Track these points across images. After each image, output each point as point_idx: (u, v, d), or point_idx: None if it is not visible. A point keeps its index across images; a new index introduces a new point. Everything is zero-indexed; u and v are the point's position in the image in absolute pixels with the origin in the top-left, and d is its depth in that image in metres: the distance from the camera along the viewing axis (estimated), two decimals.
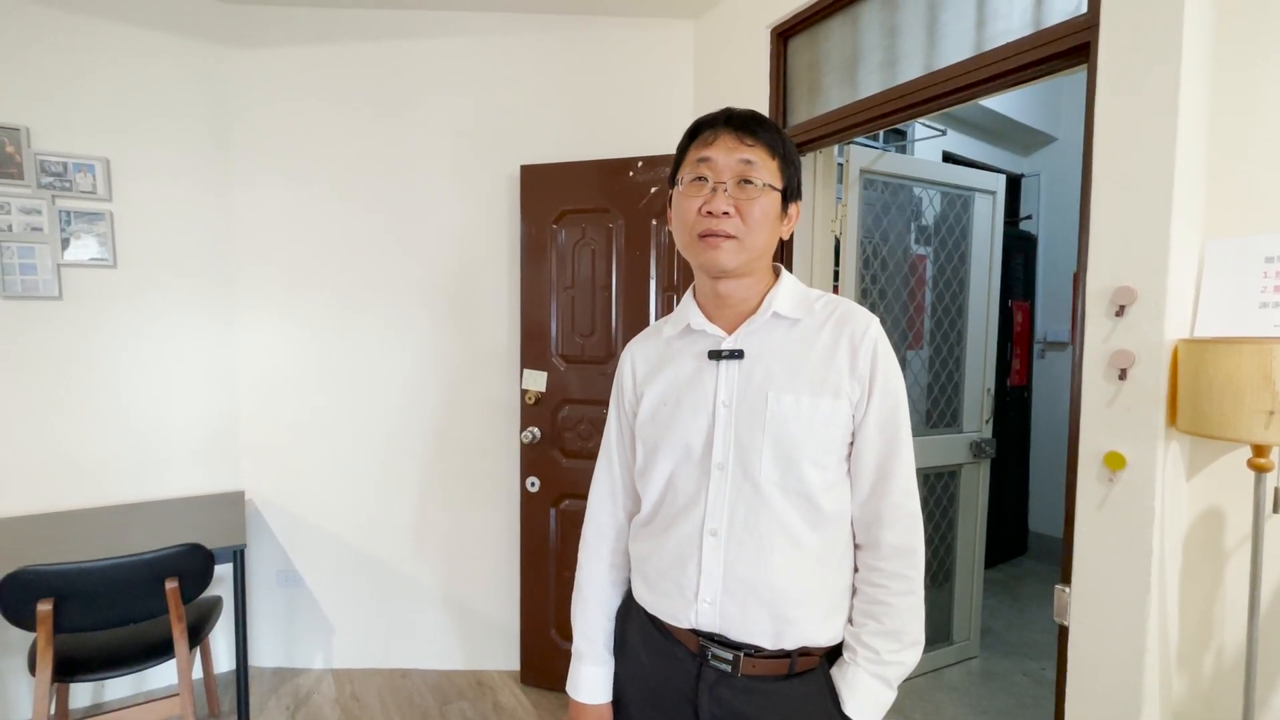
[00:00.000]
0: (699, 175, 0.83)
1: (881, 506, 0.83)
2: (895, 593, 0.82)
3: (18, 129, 2.00)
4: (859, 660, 0.82)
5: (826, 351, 0.83)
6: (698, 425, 0.86)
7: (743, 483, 0.83)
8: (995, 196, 2.52)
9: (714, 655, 0.84)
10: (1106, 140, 1.20)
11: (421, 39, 2.33)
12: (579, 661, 0.98)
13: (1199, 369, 1.08)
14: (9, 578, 1.46)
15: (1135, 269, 1.16)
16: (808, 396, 0.82)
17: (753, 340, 0.86)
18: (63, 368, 2.11)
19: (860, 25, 1.79)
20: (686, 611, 0.85)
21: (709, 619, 0.84)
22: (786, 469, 0.82)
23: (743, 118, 0.84)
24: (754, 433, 0.82)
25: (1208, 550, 1.21)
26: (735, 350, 0.86)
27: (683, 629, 0.86)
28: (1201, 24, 1.14)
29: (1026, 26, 1.39)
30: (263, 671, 2.43)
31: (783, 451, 0.81)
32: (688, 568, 0.85)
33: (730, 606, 0.82)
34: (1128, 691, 1.18)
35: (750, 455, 0.82)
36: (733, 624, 0.82)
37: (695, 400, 0.87)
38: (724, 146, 0.82)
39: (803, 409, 0.81)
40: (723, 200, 0.81)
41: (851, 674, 0.82)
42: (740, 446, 0.83)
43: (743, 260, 0.83)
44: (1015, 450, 3.67)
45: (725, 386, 0.85)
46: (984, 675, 2.47)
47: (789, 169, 0.85)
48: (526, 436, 2.28)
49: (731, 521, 0.83)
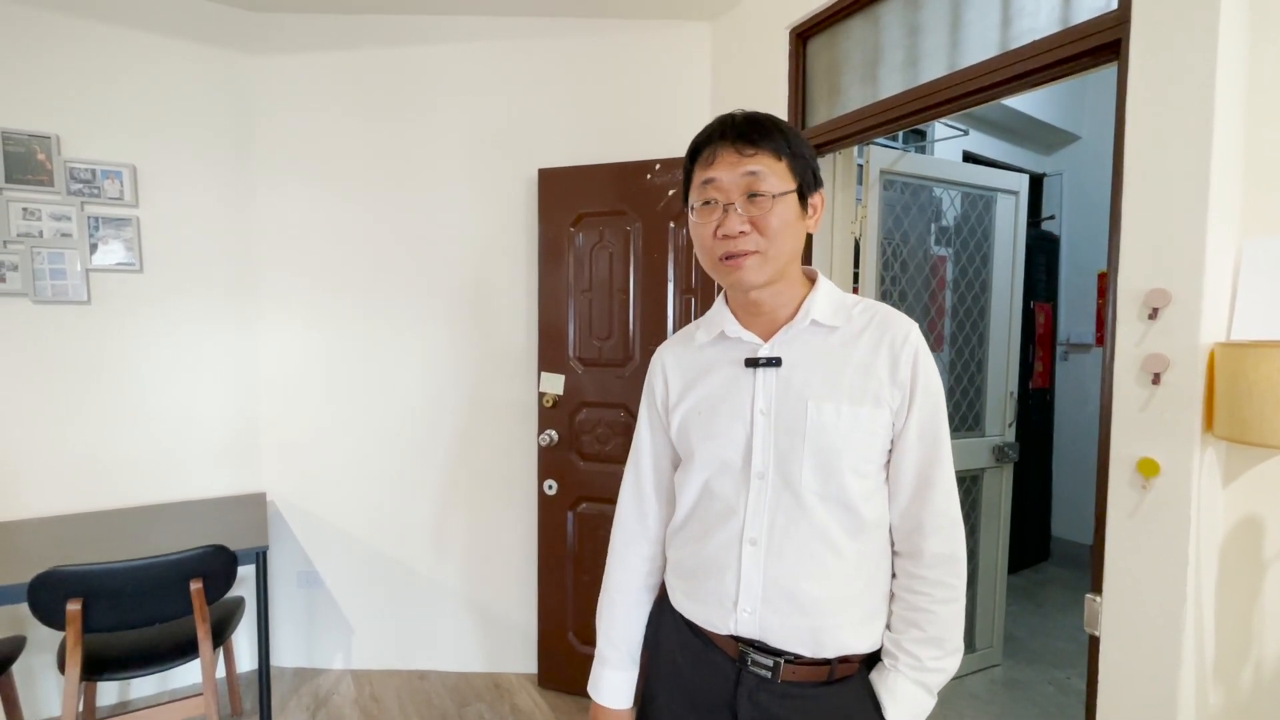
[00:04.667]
0: (707, 199, 0.81)
1: (923, 514, 0.82)
2: (938, 600, 0.81)
3: (48, 137, 2.05)
4: (900, 667, 0.81)
5: (866, 359, 0.82)
6: (735, 434, 0.85)
7: (783, 492, 0.82)
8: (1018, 197, 2.48)
9: (754, 661, 0.83)
10: (1138, 138, 1.18)
11: (439, 44, 2.35)
12: (602, 666, 0.98)
13: (1236, 373, 1.05)
14: (40, 578, 1.49)
15: (1169, 270, 1.13)
16: (848, 405, 0.80)
17: (791, 348, 0.85)
18: (91, 370, 2.15)
19: (881, 25, 1.77)
20: (726, 619, 0.84)
21: (749, 627, 0.83)
22: (827, 478, 0.81)
23: (739, 127, 0.80)
24: (794, 442, 0.81)
25: (1245, 559, 1.18)
26: (773, 358, 0.84)
27: (721, 635, 0.86)
28: (1237, 17, 1.11)
29: (1054, 24, 1.36)
30: (283, 671, 2.46)
31: (823, 461, 0.80)
32: (726, 576, 0.84)
33: (770, 616, 0.82)
34: (1162, 704, 1.15)
35: (790, 465, 0.81)
36: (772, 632, 0.82)
37: (733, 408, 0.86)
38: (726, 163, 0.80)
39: (843, 418, 0.80)
40: (736, 220, 0.79)
41: (893, 680, 0.81)
42: (780, 455, 0.82)
43: (771, 272, 0.82)
44: (1038, 454, 3.61)
45: (763, 395, 0.84)
46: (1008, 683, 2.42)
47: (799, 163, 0.82)
48: (544, 439, 2.28)
49: (771, 531, 0.82)
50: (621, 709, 0.96)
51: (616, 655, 0.97)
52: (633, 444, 1.01)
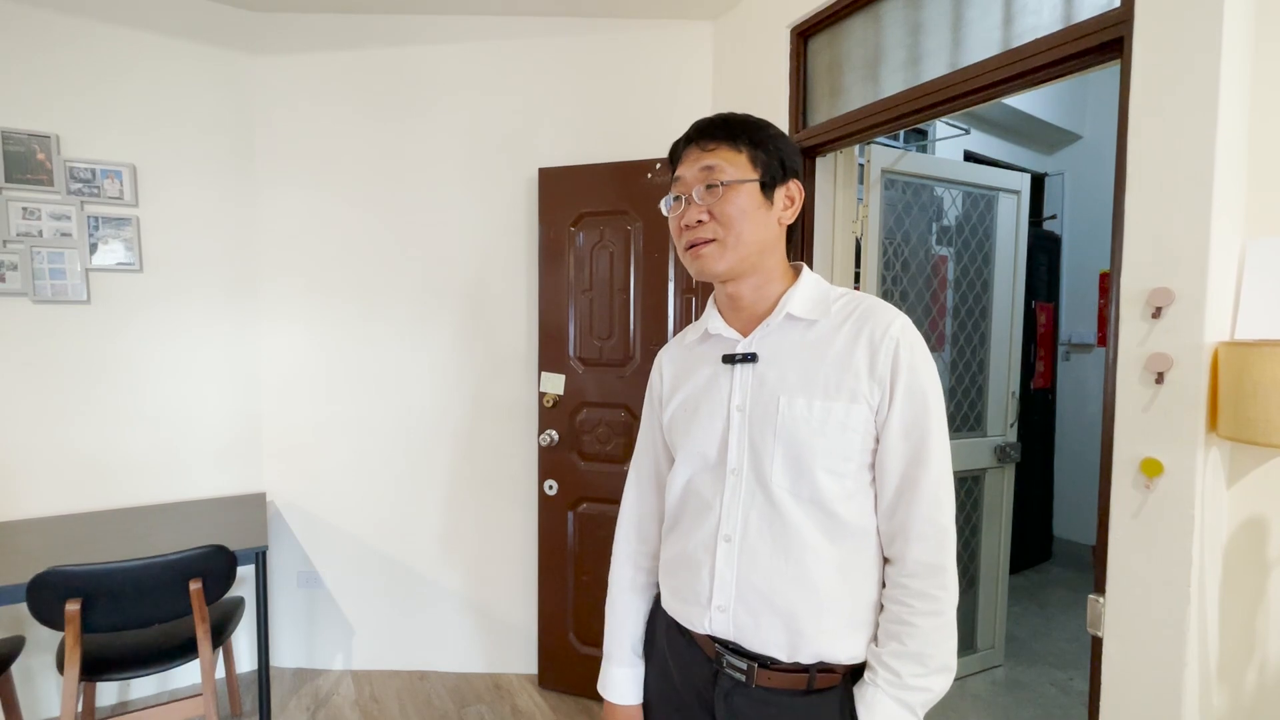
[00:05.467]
0: (676, 195, 0.86)
1: (908, 519, 0.77)
2: (919, 613, 0.76)
3: (48, 136, 2.04)
4: (879, 681, 0.77)
5: (843, 353, 0.80)
6: (713, 430, 0.86)
7: (756, 489, 0.82)
8: (1019, 196, 2.48)
9: (729, 663, 0.83)
10: (1142, 137, 1.17)
11: (440, 44, 2.34)
12: (608, 662, 0.99)
13: (1241, 373, 1.04)
14: (39, 578, 1.49)
15: (1172, 270, 1.13)
16: (820, 400, 0.79)
17: (767, 343, 0.85)
18: (90, 370, 2.15)
19: (883, 23, 1.77)
20: (701, 617, 0.85)
21: (723, 626, 0.83)
22: (799, 476, 0.80)
23: (706, 126, 0.85)
24: (765, 438, 0.81)
25: (1250, 560, 1.17)
26: (749, 354, 0.85)
27: (700, 634, 0.87)
28: (1242, 14, 1.11)
29: (1056, 22, 1.36)
30: (283, 672, 2.45)
31: (794, 457, 0.80)
32: (701, 573, 0.85)
33: (743, 615, 0.81)
34: (1166, 706, 1.14)
35: (762, 461, 0.82)
36: (746, 632, 0.82)
37: (711, 405, 0.87)
38: (689, 160, 0.85)
39: (814, 413, 0.79)
40: (693, 211, 0.83)
41: (871, 695, 0.77)
42: (754, 452, 0.82)
43: (733, 260, 0.83)
44: (1040, 454, 3.60)
45: (739, 391, 0.85)
46: (1009, 684, 2.41)
47: (763, 155, 0.83)
48: (544, 439, 2.28)
49: (745, 528, 0.82)
50: (630, 704, 0.97)
51: (621, 651, 0.98)
52: (636, 444, 1.03)
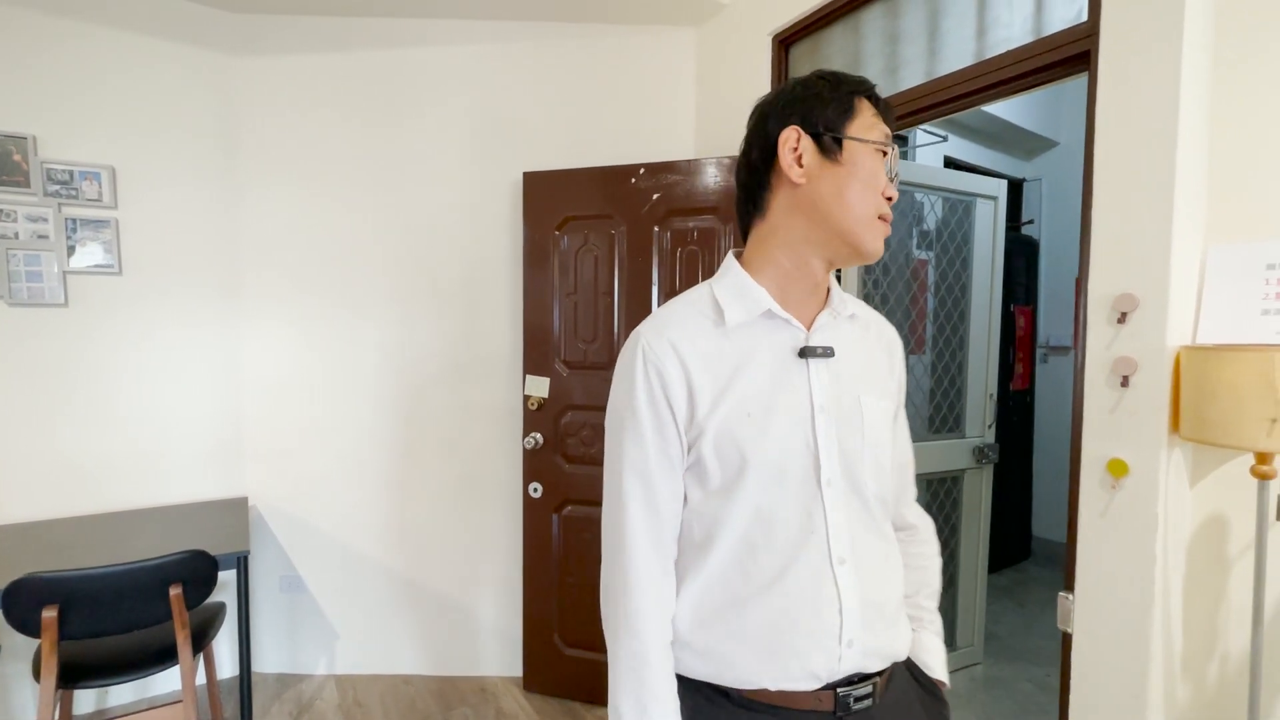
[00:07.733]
0: (884, 149, 0.73)
1: (903, 492, 0.88)
2: (931, 556, 0.90)
3: (25, 137, 2.02)
4: (925, 624, 0.86)
5: (875, 350, 0.83)
6: (798, 436, 0.71)
7: (852, 498, 0.74)
8: (997, 202, 2.53)
9: (856, 698, 0.71)
10: (1107, 147, 1.21)
11: (425, 47, 2.35)
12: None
13: (1201, 376, 1.08)
14: (14, 584, 1.47)
15: (1137, 275, 1.16)
16: (883, 399, 0.79)
17: (838, 337, 0.77)
18: (68, 374, 2.12)
19: (862, 32, 1.80)
20: (829, 664, 0.70)
21: (852, 663, 0.71)
22: (880, 476, 0.77)
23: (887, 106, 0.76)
24: (855, 441, 0.74)
25: (1211, 558, 1.21)
26: (827, 347, 0.74)
27: (808, 692, 0.70)
28: (1202, 31, 1.15)
29: (1027, 35, 1.39)
30: (265, 677, 2.43)
31: (877, 458, 0.76)
32: (826, 612, 0.70)
33: (869, 640, 0.72)
34: (1132, 699, 1.17)
35: (855, 467, 0.73)
36: (871, 659, 0.73)
37: (791, 405, 0.72)
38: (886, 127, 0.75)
39: (884, 412, 0.78)
40: (893, 184, 0.75)
41: (926, 639, 0.85)
42: (845, 458, 0.73)
43: None
44: (1018, 455, 3.66)
45: (820, 389, 0.73)
46: (988, 682, 2.46)
47: None
48: (529, 442, 2.28)
49: (853, 544, 0.73)
50: None
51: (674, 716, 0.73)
52: (626, 472, 0.74)
